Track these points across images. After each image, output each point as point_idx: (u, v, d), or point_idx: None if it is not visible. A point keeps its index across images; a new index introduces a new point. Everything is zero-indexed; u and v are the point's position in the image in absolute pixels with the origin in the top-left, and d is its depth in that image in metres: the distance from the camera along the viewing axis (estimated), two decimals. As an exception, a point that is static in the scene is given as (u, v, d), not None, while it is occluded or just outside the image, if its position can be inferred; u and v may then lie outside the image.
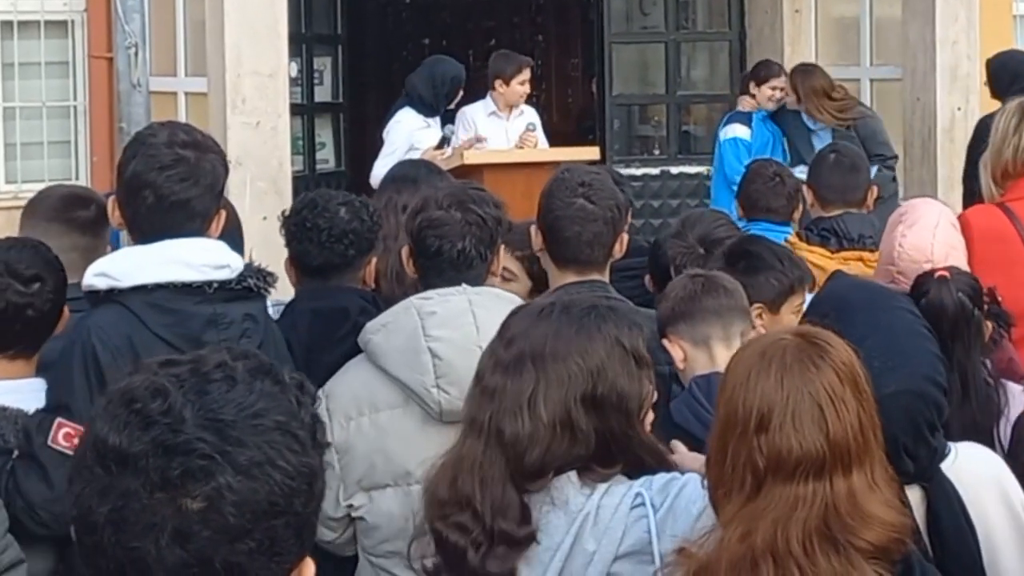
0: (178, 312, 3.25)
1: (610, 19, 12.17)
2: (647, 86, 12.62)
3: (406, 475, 3.37)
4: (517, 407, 2.57)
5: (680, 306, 3.73)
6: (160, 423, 1.50)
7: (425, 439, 3.31)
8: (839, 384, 2.35)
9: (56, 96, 9.82)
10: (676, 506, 2.54)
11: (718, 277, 3.79)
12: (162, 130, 3.46)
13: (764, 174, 5.66)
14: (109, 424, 1.52)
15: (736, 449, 2.35)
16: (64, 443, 3.12)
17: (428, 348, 3.35)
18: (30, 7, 9.67)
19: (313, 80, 11.02)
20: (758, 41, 12.06)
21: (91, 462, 1.51)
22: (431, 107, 8.71)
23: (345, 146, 11.31)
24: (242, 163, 8.70)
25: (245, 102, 8.80)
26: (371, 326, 3.49)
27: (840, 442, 2.32)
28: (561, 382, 2.57)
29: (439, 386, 3.33)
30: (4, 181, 9.52)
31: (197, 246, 3.32)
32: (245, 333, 3.33)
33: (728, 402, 2.39)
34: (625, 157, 11.85)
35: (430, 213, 3.57)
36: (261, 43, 8.85)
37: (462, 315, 3.38)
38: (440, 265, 3.55)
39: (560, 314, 2.67)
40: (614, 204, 3.85)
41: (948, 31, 10.16)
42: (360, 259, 4.05)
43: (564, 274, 3.80)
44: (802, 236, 5.16)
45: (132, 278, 3.25)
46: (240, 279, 3.33)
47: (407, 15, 16.76)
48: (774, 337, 2.45)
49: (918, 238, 4.10)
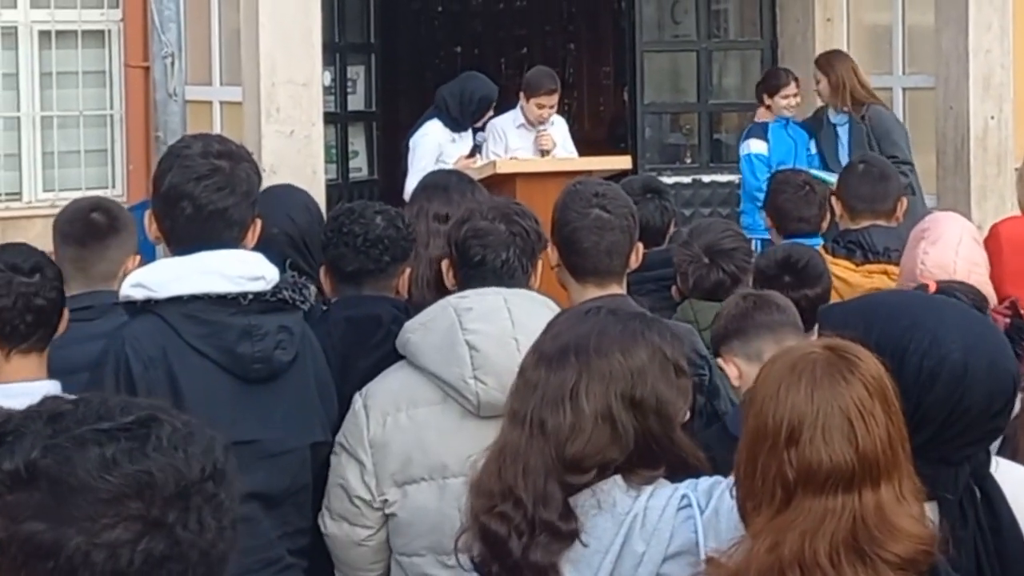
0: (213, 323, 3.27)
1: (642, 27, 12.19)
2: (679, 94, 12.62)
3: (442, 468, 3.43)
4: (559, 398, 2.61)
5: (733, 324, 3.77)
6: None
7: (463, 434, 3.37)
8: (868, 398, 2.37)
9: (93, 105, 9.91)
10: (721, 507, 2.57)
11: (770, 295, 3.81)
12: (196, 142, 3.51)
13: (793, 183, 5.67)
14: None
15: (766, 462, 2.37)
16: None
17: (465, 341, 3.41)
18: (67, 17, 9.76)
19: (346, 89, 11.07)
20: (790, 50, 12.06)
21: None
22: (457, 122, 8.73)
23: (378, 154, 11.35)
24: (276, 171, 8.76)
25: (279, 111, 8.87)
26: (409, 325, 3.56)
27: (869, 455, 2.35)
28: (603, 377, 2.61)
29: (476, 377, 3.39)
30: (42, 189, 9.61)
31: (233, 257, 3.34)
32: (279, 345, 3.35)
33: (758, 415, 2.41)
34: (657, 165, 11.86)
35: (475, 223, 3.63)
36: (295, 52, 8.92)
37: (498, 311, 3.45)
38: (483, 274, 3.60)
39: (607, 315, 2.73)
40: (629, 213, 3.87)
41: (981, 39, 10.14)
42: (394, 266, 4.09)
43: (584, 287, 3.80)
44: (828, 248, 5.17)
45: (168, 289, 3.27)
46: (275, 291, 3.35)
47: (439, 24, 16.83)
48: (804, 350, 2.47)
49: (941, 256, 4.11)
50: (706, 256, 4.65)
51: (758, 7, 12.35)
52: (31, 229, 8.66)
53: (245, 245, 3.43)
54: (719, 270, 4.64)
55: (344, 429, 3.58)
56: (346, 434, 3.56)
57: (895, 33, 11.28)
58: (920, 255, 4.12)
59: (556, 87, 9.03)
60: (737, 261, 4.67)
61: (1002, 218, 5.85)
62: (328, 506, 3.57)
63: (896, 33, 11.26)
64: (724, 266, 4.64)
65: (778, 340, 3.59)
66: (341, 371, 3.81)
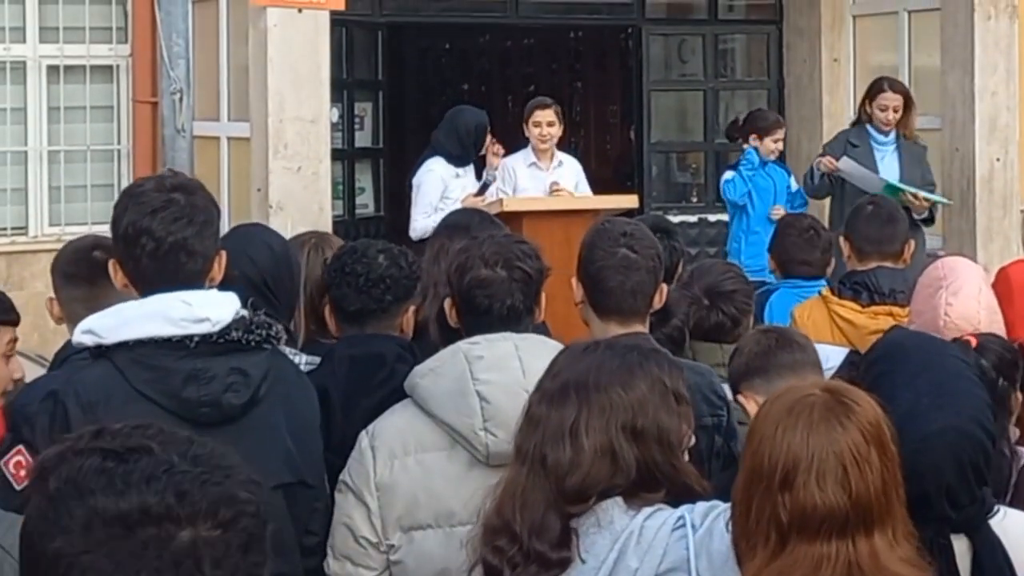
0: (159, 368, 3.19)
1: (649, 66, 12.24)
2: (685, 133, 12.67)
3: (449, 515, 3.40)
4: (560, 435, 2.67)
5: (754, 361, 3.75)
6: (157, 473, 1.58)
7: (471, 482, 3.34)
8: (864, 444, 2.37)
9: (100, 140, 9.94)
10: (715, 527, 2.59)
11: (790, 332, 3.79)
12: (149, 180, 3.45)
13: (798, 227, 5.68)
14: (104, 494, 1.56)
15: (760, 503, 2.37)
16: (12, 470, 3.17)
17: (476, 391, 3.39)
18: (76, 52, 9.81)
19: (354, 125, 11.10)
20: (796, 90, 12.10)
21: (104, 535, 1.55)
22: (460, 158, 8.74)
23: (385, 191, 11.38)
24: (283, 207, 8.78)
25: (287, 147, 8.89)
26: (419, 370, 3.53)
27: (863, 501, 2.34)
28: (603, 411, 2.67)
29: (487, 429, 3.37)
30: (48, 223, 9.63)
31: (176, 300, 3.25)
32: (230, 387, 3.24)
33: (754, 455, 2.41)
34: (663, 204, 11.89)
35: (478, 273, 3.61)
36: (303, 89, 8.95)
37: (509, 359, 3.43)
38: (490, 321, 3.59)
39: (604, 350, 2.79)
40: (655, 254, 3.88)
41: (987, 81, 10.16)
42: (397, 306, 4.08)
43: (607, 325, 3.81)
44: (834, 290, 5.16)
45: (116, 334, 3.22)
46: (223, 332, 3.23)
47: (446, 61, 16.87)
48: (803, 392, 2.47)
49: (965, 307, 4.07)
50: (706, 298, 4.64)
51: (765, 47, 12.41)
52: (36, 264, 8.68)
53: (212, 278, 3.38)
54: (719, 312, 4.63)
55: (350, 468, 3.55)
56: (352, 474, 3.53)
57: (901, 74, 11.29)
58: (942, 306, 4.07)
59: (549, 103, 9.05)
60: (737, 303, 4.66)
61: (1009, 261, 5.83)
62: (332, 545, 3.54)
63: (902, 74, 11.27)
64: (724, 308, 4.63)
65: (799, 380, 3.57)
66: (345, 409, 3.80)
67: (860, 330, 4.95)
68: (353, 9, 9.91)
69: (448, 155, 8.73)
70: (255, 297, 4.13)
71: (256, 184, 8.96)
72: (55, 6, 9.78)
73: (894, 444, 2.41)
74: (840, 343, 4.80)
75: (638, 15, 12.29)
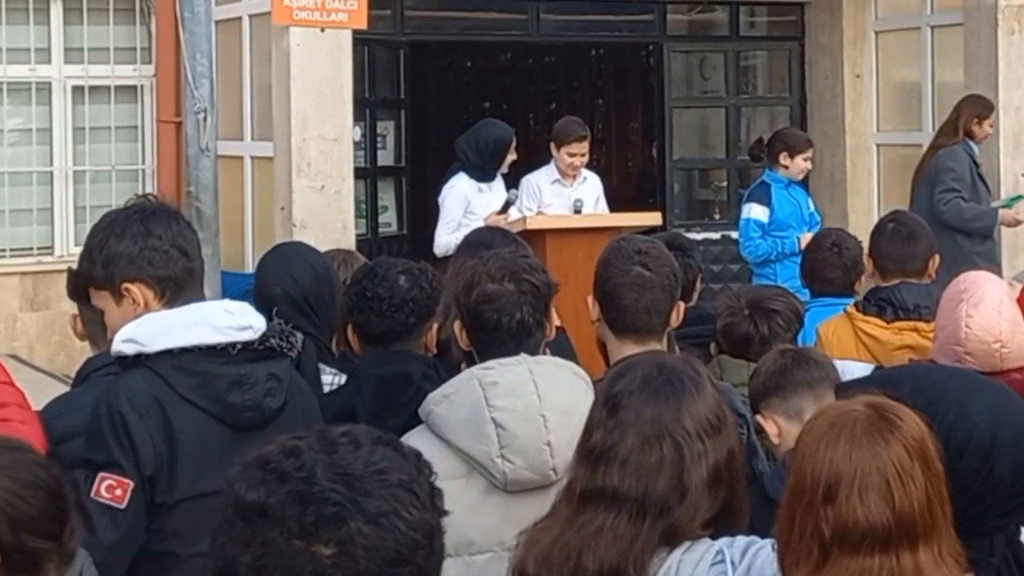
0: (204, 374, 3.31)
1: (670, 83, 12.24)
2: (707, 150, 12.66)
3: (468, 544, 3.37)
4: (661, 470, 2.63)
5: (772, 381, 3.75)
6: (294, 477, 1.65)
7: (489, 508, 3.33)
8: (907, 459, 2.36)
9: (125, 160, 9.99)
10: (754, 563, 2.57)
11: (808, 350, 3.78)
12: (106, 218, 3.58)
13: (823, 244, 5.67)
14: (246, 484, 1.66)
15: (803, 519, 2.37)
16: (106, 495, 3.22)
17: (491, 418, 3.35)
18: (101, 72, 9.86)
19: (376, 144, 11.13)
20: (819, 106, 12.09)
21: (231, 517, 1.65)
22: (482, 170, 8.73)
23: (407, 209, 11.40)
24: (307, 226, 8.81)
25: (310, 166, 8.92)
26: (432, 398, 3.49)
27: (906, 516, 2.33)
28: (699, 450, 2.65)
29: (504, 456, 3.34)
30: (73, 243, 9.66)
31: (220, 308, 3.41)
32: (269, 392, 3.39)
33: (797, 471, 2.41)
34: (686, 221, 11.88)
35: (484, 288, 3.59)
36: (326, 108, 8.98)
37: (524, 384, 3.39)
38: (500, 338, 3.56)
39: (671, 377, 2.74)
40: (671, 272, 3.87)
41: (1011, 96, 10.15)
42: (420, 326, 4.09)
43: (623, 344, 3.80)
44: (859, 306, 5.15)
45: (158, 343, 3.31)
46: (263, 339, 3.39)
47: (468, 79, 16.92)
48: (845, 408, 2.46)
49: (985, 319, 4.07)
50: (747, 308, 4.64)
51: (787, 63, 12.40)
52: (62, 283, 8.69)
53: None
54: (752, 324, 4.63)
55: None
56: None
57: (924, 90, 11.29)
58: (963, 318, 4.08)
59: (586, 134, 9.03)
60: (774, 324, 4.65)
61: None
62: None
63: (925, 90, 11.27)
64: (759, 323, 4.63)
65: (817, 398, 3.56)
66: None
67: (885, 346, 4.94)
68: (375, 28, 9.95)
69: (471, 166, 8.73)
70: (296, 315, 4.22)
71: (280, 203, 8.99)
72: (80, 27, 9.84)
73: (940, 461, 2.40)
74: (865, 360, 4.79)
75: (659, 32, 12.29)
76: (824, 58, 12.01)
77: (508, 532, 3.30)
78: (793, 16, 12.39)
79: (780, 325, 4.66)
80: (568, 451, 3.29)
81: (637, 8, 12.27)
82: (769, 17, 12.69)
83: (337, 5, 8.82)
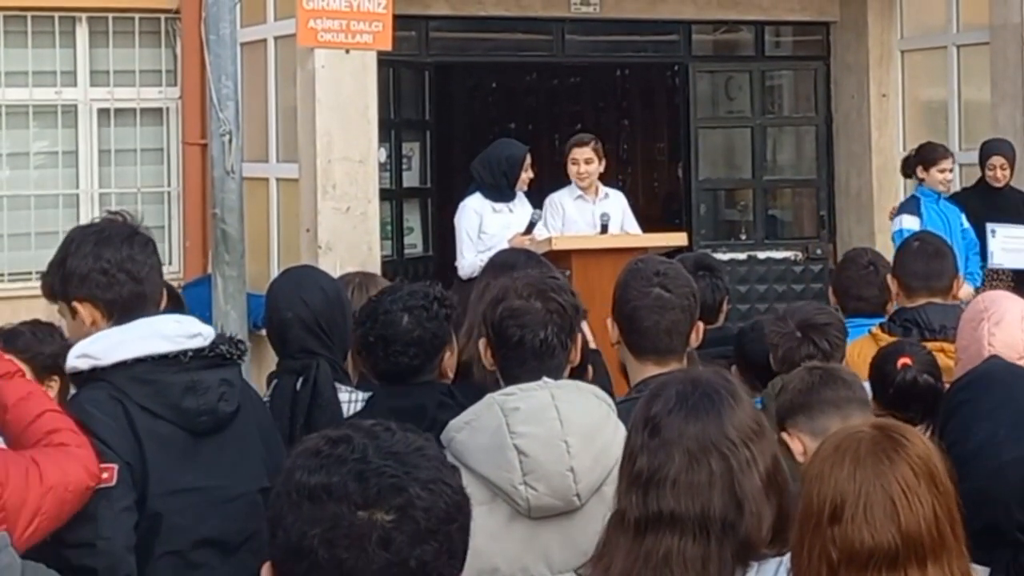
0: (157, 382, 3.41)
1: (696, 103, 12.24)
2: (733, 170, 12.64)
3: (492, 571, 3.32)
4: (711, 488, 2.61)
5: (799, 398, 3.72)
6: (350, 459, 1.90)
7: (513, 535, 3.29)
8: (913, 478, 2.36)
9: (150, 182, 10.03)
10: None
11: (836, 369, 3.76)
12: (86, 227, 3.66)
13: (858, 263, 5.62)
14: (306, 470, 1.91)
15: (811, 541, 2.38)
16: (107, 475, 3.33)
17: (514, 445, 3.30)
18: (126, 95, 9.91)
19: (402, 165, 11.15)
20: (844, 125, 12.06)
21: (296, 499, 1.90)
22: (496, 189, 8.71)
23: (433, 230, 11.41)
24: (333, 248, 8.81)
25: (336, 187, 8.93)
26: (454, 424, 3.44)
27: (913, 535, 2.33)
28: (748, 459, 2.64)
29: (527, 483, 3.29)
30: (99, 265, 9.70)
31: (170, 319, 3.51)
32: (222, 397, 3.49)
33: (805, 494, 2.43)
34: (712, 242, 11.86)
35: (511, 303, 3.57)
36: (352, 129, 8.99)
37: (546, 410, 3.34)
38: (523, 355, 3.54)
39: (714, 403, 2.72)
40: (690, 292, 3.85)
41: (1038, 115, 10.11)
42: (430, 363, 3.99)
43: (644, 365, 3.79)
44: (884, 327, 5.12)
45: (113, 355, 3.40)
46: (212, 347, 3.50)
47: (493, 100, 16.94)
48: (851, 430, 2.47)
49: (1008, 335, 4.06)
50: (799, 331, 4.61)
51: (812, 83, 12.38)
52: (89, 305, 8.74)
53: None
54: (811, 344, 4.60)
55: None
56: None
57: (951, 108, 11.26)
58: (985, 336, 4.07)
59: (586, 140, 9.06)
60: (830, 336, 4.62)
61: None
62: None
63: (952, 108, 11.24)
64: (816, 340, 4.59)
65: (844, 417, 3.54)
66: (389, 462, 3.79)
67: (911, 367, 4.91)
68: (400, 49, 9.97)
69: (485, 186, 8.73)
70: (309, 338, 4.22)
71: (305, 225, 9.00)
72: (105, 50, 9.89)
73: (950, 480, 2.39)
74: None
75: (685, 52, 12.29)
76: (850, 77, 11.99)
77: (532, 558, 3.29)
78: (818, 36, 12.38)
79: (835, 336, 4.64)
80: (591, 475, 3.28)
81: (662, 28, 12.27)
82: (794, 37, 12.68)
83: (362, 27, 8.83)
